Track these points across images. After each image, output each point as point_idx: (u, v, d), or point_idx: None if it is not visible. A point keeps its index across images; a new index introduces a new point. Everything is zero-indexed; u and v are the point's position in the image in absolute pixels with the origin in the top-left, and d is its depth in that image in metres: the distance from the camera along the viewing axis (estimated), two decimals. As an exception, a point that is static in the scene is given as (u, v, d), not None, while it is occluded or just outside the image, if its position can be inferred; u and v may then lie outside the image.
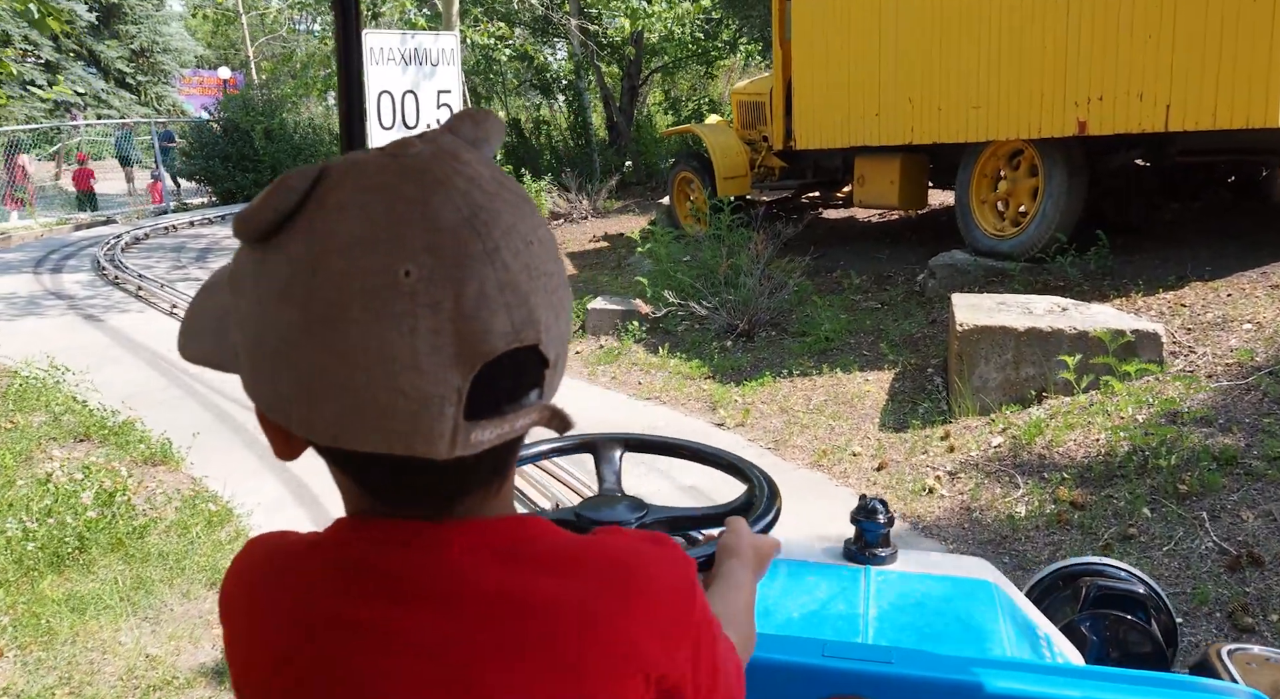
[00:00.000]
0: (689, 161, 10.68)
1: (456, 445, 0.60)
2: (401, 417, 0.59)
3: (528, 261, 0.62)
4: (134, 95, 34.54)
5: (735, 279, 7.45)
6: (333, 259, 0.59)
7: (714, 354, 6.83)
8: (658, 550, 0.73)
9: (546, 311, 0.62)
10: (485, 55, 14.26)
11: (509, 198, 0.64)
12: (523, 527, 0.70)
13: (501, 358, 0.60)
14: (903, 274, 7.93)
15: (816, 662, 1.28)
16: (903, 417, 5.44)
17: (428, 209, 0.60)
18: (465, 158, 0.64)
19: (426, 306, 0.57)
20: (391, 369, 0.58)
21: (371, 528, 0.68)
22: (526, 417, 0.63)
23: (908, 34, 7.64)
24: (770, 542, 1.09)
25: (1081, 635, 1.82)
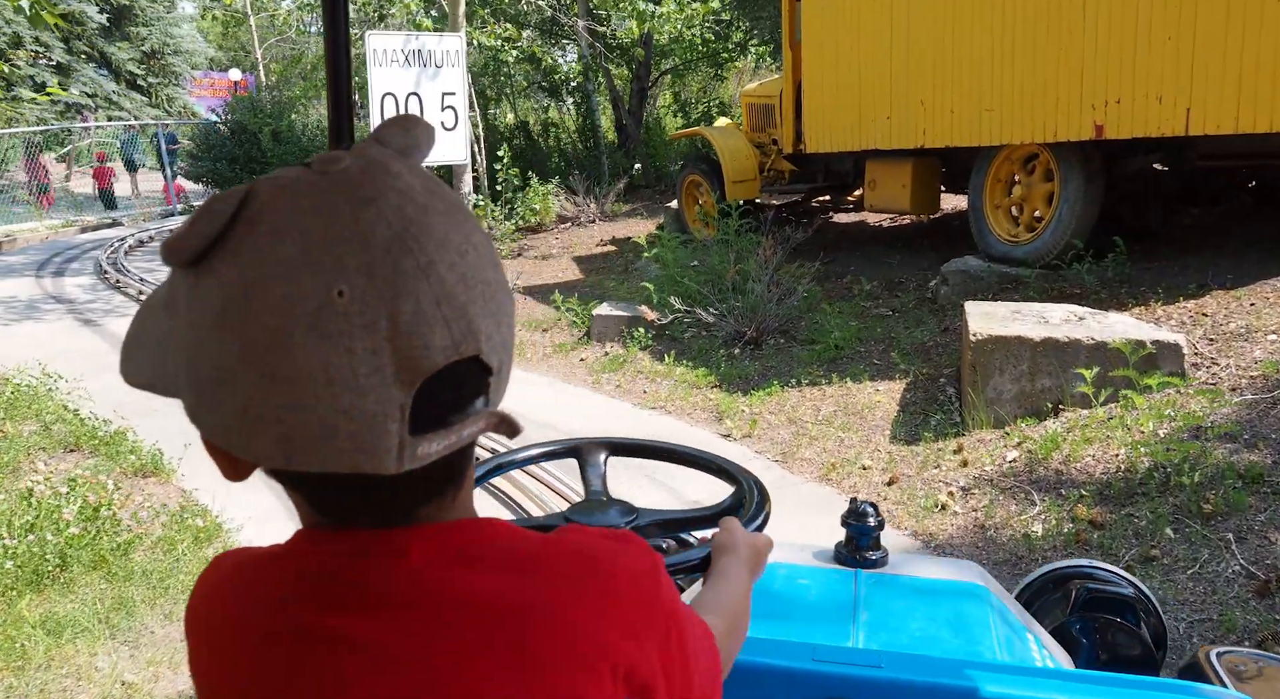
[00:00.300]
0: (697, 165, 10.53)
1: (404, 460, 0.60)
2: (346, 437, 0.59)
3: (464, 272, 0.61)
4: (145, 97, 34.60)
5: (743, 285, 7.30)
6: (266, 283, 0.58)
7: (721, 362, 6.68)
8: (618, 545, 0.73)
9: (486, 320, 0.62)
10: (493, 57, 14.12)
11: (442, 208, 0.63)
12: (480, 529, 0.70)
13: (443, 371, 0.60)
14: (914, 280, 7.77)
15: (806, 666, 1.27)
16: (914, 428, 5.29)
17: (358, 227, 0.59)
18: (395, 169, 0.63)
19: (362, 327, 0.57)
20: (333, 391, 0.57)
21: (330, 539, 0.68)
22: (473, 425, 0.63)
23: (919, 35, 7.49)
24: (764, 539, 1.10)
25: (1072, 638, 1.81)
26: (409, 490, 0.66)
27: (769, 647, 1.32)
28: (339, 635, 0.65)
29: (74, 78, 32.73)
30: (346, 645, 0.64)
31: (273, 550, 0.71)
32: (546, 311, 8.50)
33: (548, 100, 17.93)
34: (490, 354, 0.63)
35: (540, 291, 9.25)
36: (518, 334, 8.00)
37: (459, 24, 10.89)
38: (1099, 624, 1.84)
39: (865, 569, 1.64)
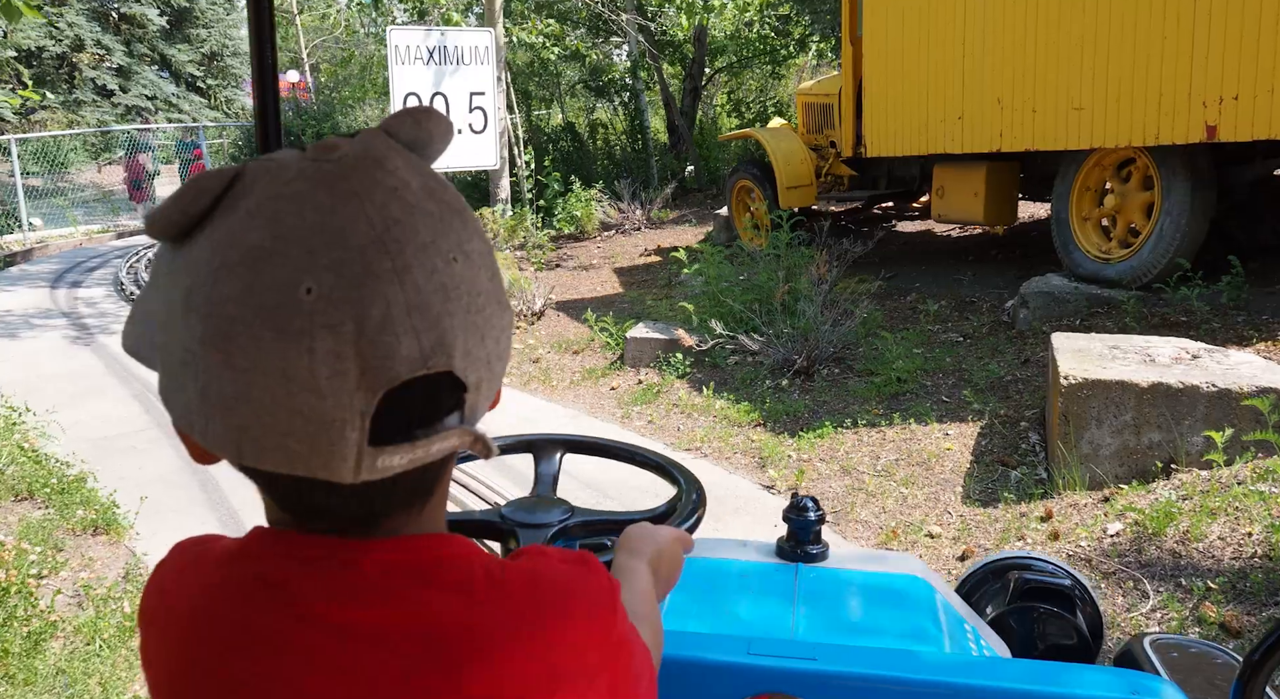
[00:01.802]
0: (749, 169, 9.76)
1: (361, 470, 0.58)
2: (300, 438, 0.56)
3: (444, 281, 0.59)
4: (204, 99, 34.71)
5: (794, 305, 6.51)
6: (234, 269, 0.57)
7: (766, 395, 5.90)
8: (579, 571, 0.72)
9: (466, 334, 0.60)
10: (536, 55, 13.48)
11: (434, 209, 0.61)
12: (441, 546, 0.67)
13: (411, 383, 0.57)
14: (988, 300, 6.92)
15: (742, 660, 1.28)
16: (991, 486, 4.47)
17: (336, 222, 0.57)
18: (392, 165, 0.62)
19: (326, 328, 0.55)
20: (289, 389, 0.55)
21: (285, 542, 0.66)
22: (443, 441, 0.60)
23: (997, 26, 6.63)
24: (672, 533, 1.05)
25: (1010, 628, 1.82)
26: (376, 499, 0.63)
27: (707, 641, 1.32)
28: (286, 640, 0.62)
29: (134, 80, 32.92)
30: (292, 651, 0.62)
31: (229, 546, 0.69)
32: (579, 331, 7.79)
33: (595, 100, 17.22)
34: (467, 370, 0.60)
35: (574, 307, 8.54)
36: (545, 356, 7.30)
37: (495, 18, 10.24)
38: (1036, 614, 1.83)
39: (806, 563, 1.63)
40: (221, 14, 34.76)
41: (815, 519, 1.65)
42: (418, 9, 12.40)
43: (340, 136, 0.62)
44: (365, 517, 0.65)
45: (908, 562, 1.71)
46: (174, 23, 33.95)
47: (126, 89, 31.94)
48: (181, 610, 0.67)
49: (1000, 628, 1.79)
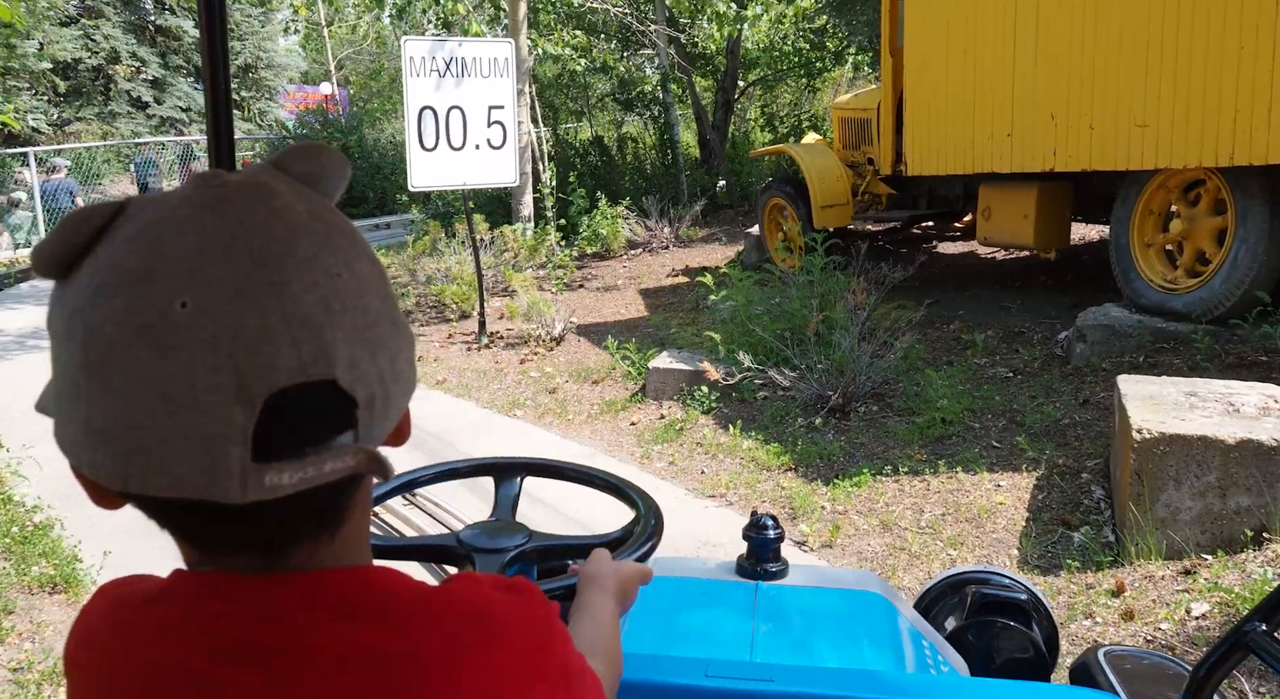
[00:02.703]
0: (782, 187, 9.30)
1: (249, 489, 0.56)
2: (184, 458, 0.55)
3: (326, 295, 0.58)
4: (238, 111, 34.76)
5: (828, 335, 6.04)
6: (110, 291, 0.57)
7: (798, 436, 5.43)
8: (511, 598, 0.71)
9: (353, 348, 0.59)
10: (564, 67, 13.10)
11: (320, 231, 0.61)
12: (363, 578, 0.66)
13: (291, 395, 0.56)
14: (1039, 331, 6.41)
15: (699, 683, 1.28)
16: (1051, 549, 3.97)
17: (216, 241, 0.57)
18: (278, 190, 0.62)
19: (202, 341, 0.55)
20: (169, 408, 0.55)
21: (202, 583, 0.65)
22: (337, 461, 0.58)
23: (1051, 35, 6.14)
24: (635, 568, 1.09)
25: (967, 643, 1.81)
26: (273, 527, 0.62)
27: (664, 664, 1.33)
28: (210, 682, 0.61)
29: (169, 92, 33.05)
30: (216, 692, 0.60)
31: (149, 591, 0.66)
32: (599, 358, 7.35)
33: (624, 114, 16.81)
34: (355, 384, 0.59)
35: (595, 332, 8.11)
36: (563, 386, 6.87)
37: (519, 29, 9.86)
38: (994, 628, 1.83)
39: (765, 581, 1.63)
40: (256, 27, 34.78)
41: (775, 537, 1.66)
42: (443, 20, 12.07)
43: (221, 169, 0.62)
44: (269, 547, 0.64)
45: (866, 579, 1.71)
46: (209, 35, 33.91)
47: (161, 101, 32.06)
48: (104, 655, 0.66)
49: (958, 643, 1.80)
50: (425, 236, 9.89)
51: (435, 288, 9.04)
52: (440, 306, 9.22)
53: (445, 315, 9.09)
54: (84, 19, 29.83)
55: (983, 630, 1.84)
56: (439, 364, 7.65)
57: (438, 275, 9.36)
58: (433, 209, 12.83)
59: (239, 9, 32.67)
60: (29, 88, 28.54)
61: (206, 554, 0.65)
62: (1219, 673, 1.20)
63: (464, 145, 7.63)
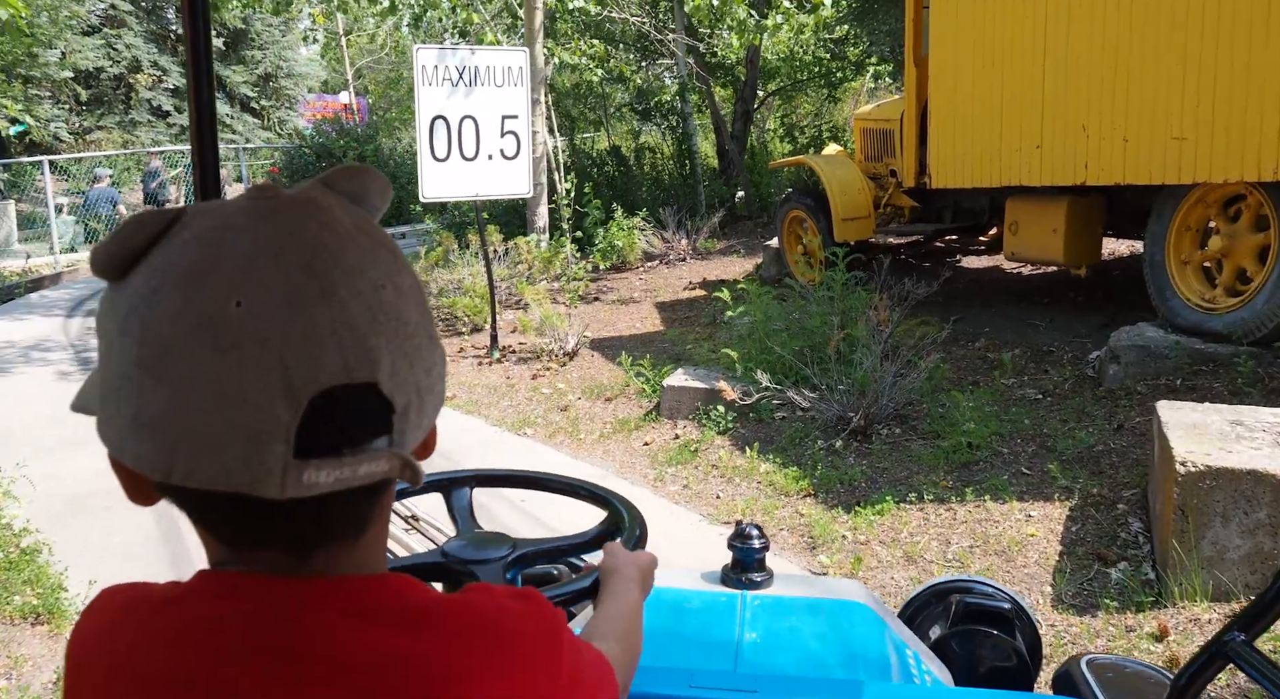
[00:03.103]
0: (802, 199, 9.09)
1: (287, 486, 0.58)
2: (230, 452, 0.57)
3: (371, 304, 0.61)
4: (257, 120, 34.87)
5: (849, 354, 5.82)
6: (168, 291, 0.59)
7: (818, 459, 5.21)
8: (523, 607, 0.73)
9: (394, 356, 0.62)
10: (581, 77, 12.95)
11: (365, 243, 0.64)
12: (384, 585, 0.68)
13: (336, 396, 0.59)
14: (1069, 350, 6.17)
15: (683, 693, 1.31)
16: (1088, 587, 3.74)
17: (267, 245, 0.60)
18: (326, 204, 0.64)
19: (254, 340, 0.57)
20: (220, 402, 0.57)
21: (227, 583, 0.66)
22: (372, 464, 0.61)
23: (1083, 43, 5.92)
24: (648, 556, 1.15)
25: (952, 651, 1.82)
26: (308, 525, 0.64)
27: (648, 674, 1.35)
28: (229, 688, 0.61)
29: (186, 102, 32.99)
30: (236, 696, 0.61)
31: (167, 591, 0.67)
32: (613, 374, 7.16)
33: (641, 123, 16.64)
34: (394, 390, 0.62)
35: (610, 347, 7.92)
36: (575, 403, 6.68)
37: (535, 38, 9.71)
38: (977, 637, 1.84)
39: (750, 591, 1.63)
40: (277, 36, 34.88)
41: (760, 547, 1.66)
42: (458, 29, 11.95)
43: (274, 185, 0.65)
44: (300, 545, 0.65)
45: (851, 588, 1.71)
46: (230, 44, 34.20)
47: (181, 110, 32.13)
48: (119, 661, 0.65)
49: (942, 652, 1.80)
50: (438, 247, 9.73)
51: (447, 300, 8.87)
52: (452, 320, 9.05)
53: (457, 328, 8.92)
54: (106, 28, 29.99)
55: (966, 639, 1.85)
56: (449, 379, 7.46)
57: (450, 287, 9.20)
58: (448, 219, 12.69)
59: (260, 19, 32.82)
60: (51, 96, 28.70)
61: (234, 550, 0.66)
62: (1199, 682, 1.20)
63: (477, 155, 7.47)
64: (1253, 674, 1.13)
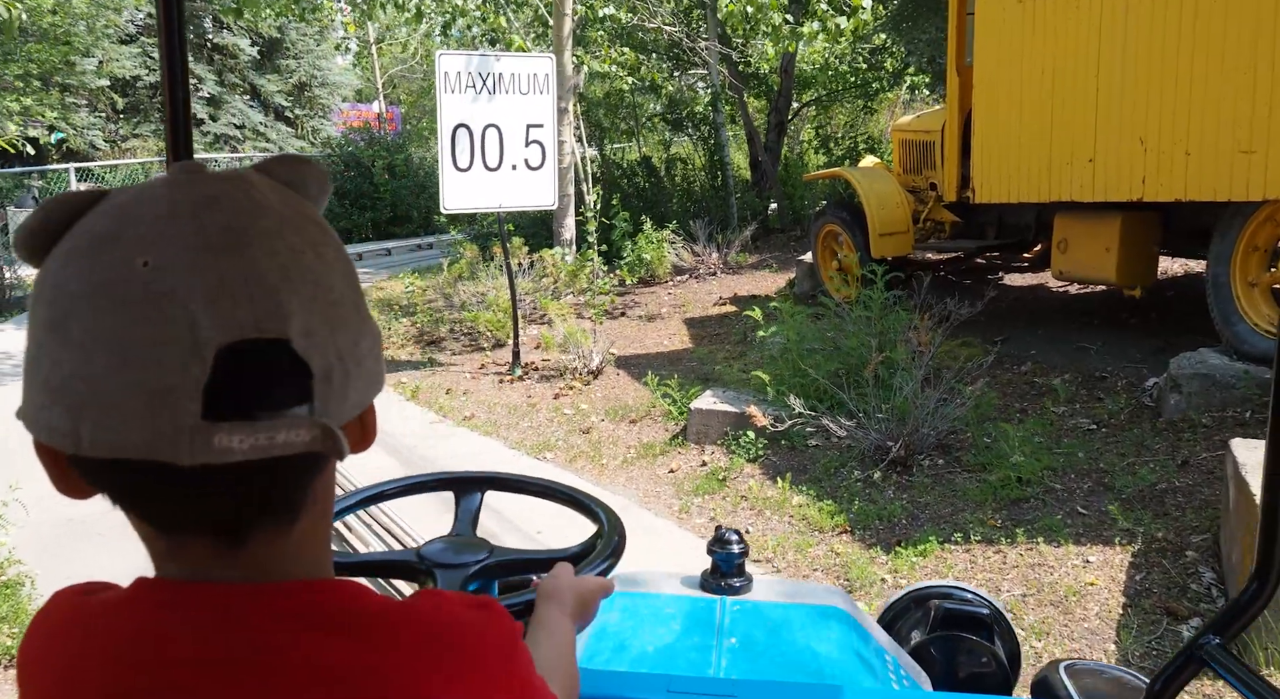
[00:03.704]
0: (837, 213, 8.75)
1: (196, 450, 0.55)
2: (136, 413, 0.55)
3: (287, 263, 0.59)
4: (291, 129, 35.02)
5: (888, 378, 5.48)
6: (78, 254, 0.59)
7: (854, 492, 4.88)
8: (480, 616, 0.71)
9: (310, 316, 0.59)
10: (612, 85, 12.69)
11: (287, 213, 0.63)
12: (332, 591, 0.66)
13: (245, 351, 0.56)
14: (1124, 376, 5.79)
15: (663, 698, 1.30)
16: (1157, 646, 3.39)
17: (182, 209, 0.59)
18: (256, 182, 0.64)
19: (159, 295, 0.56)
20: (123, 360, 0.55)
21: (168, 591, 0.64)
22: (290, 431, 0.57)
23: (1142, 50, 5.56)
24: (596, 583, 1.10)
25: (930, 657, 1.81)
26: (229, 505, 0.61)
27: (627, 680, 1.34)
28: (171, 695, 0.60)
29: (224, 109, 33.36)
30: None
31: (108, 599, 0.66)
32: (639, 395, 6.85)
33: (672, 134, 16.36)
34: (310, 351, 0.59)
35: (635, 365, 7.62)
36: (598, 425, 6.38)
37: (563, 45, 9.46)
38: (956, 642, 1.84)
39: (730, 596, 1.62)
40: (311, 45, 34.97)
41: (739, 552, 1.64)
42: (487, 37, 11.75)
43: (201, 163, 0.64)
44: (227, 529, 0.63)
45: (829, 593, 1.70)
46: (265, 53, 34.35)
47: (216, 118, 32.32)
48: (64, 670, 0.64)
49: (921, 657, 1.80)
50: (461, 260, 9.47)
51: (470, 315, 8.61)
52: (474, 335, 8.79)
53: (479, 344, 8.65)
54: (143, 37, 30.22)
55: (945, 645, 1.84)
56: (468, 398, 7.20)
57: (472, 301, 8.94)
58: (475, 230, 12.47)
59: (295, 28, 32.96)
60: (87, 104, 28.93)
61: (165, 539, 0.64)
62: (1174, 686, 1.21)
63: (500, 165, 7.21)
64: (1227, 677, 1.14)
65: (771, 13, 9.33)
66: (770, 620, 1.57)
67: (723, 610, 1.59)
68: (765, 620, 1.57)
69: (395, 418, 6.71)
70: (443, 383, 7.59)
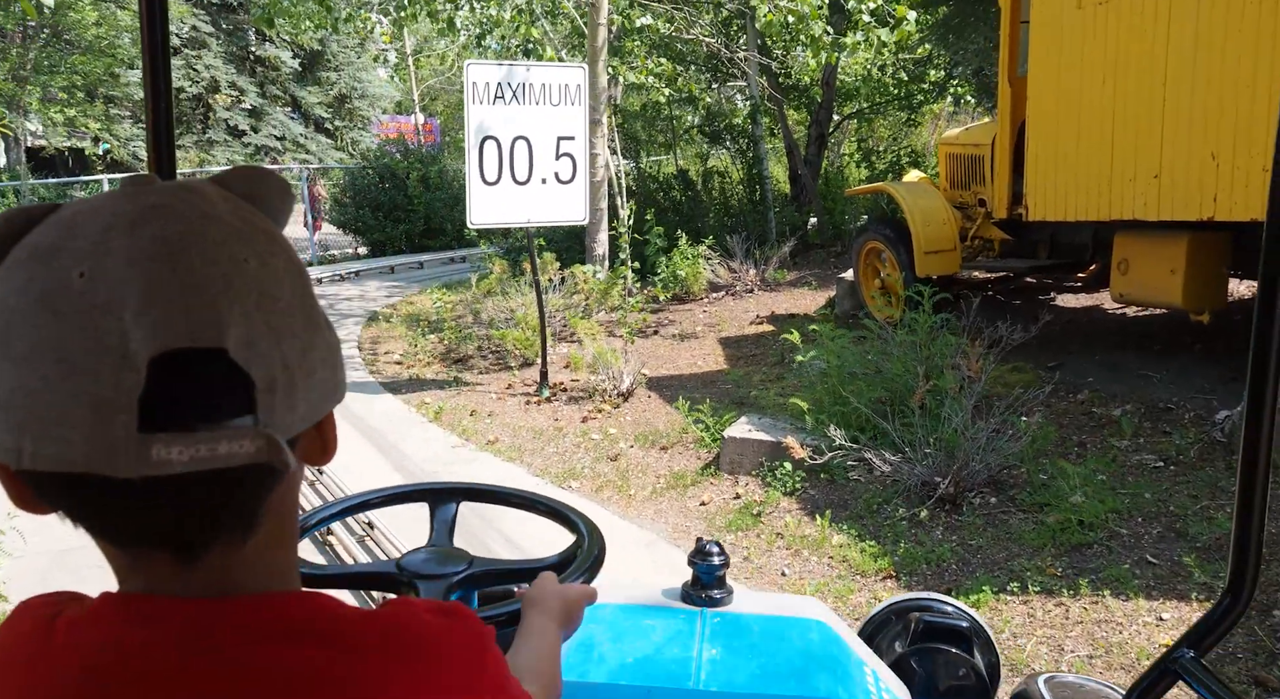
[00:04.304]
0: (880, 229, 8.40)
1: (134, 460, 0.55)
2: (74, 425, 0.55)
3: (229, 272, 0.59)
4: (330, 140, 35.24)
5: (936, 407, 5.12)
6: (19, 267, 0.59)
7: (899, 532, 4.53)
8: (446, 622, 0.71)
9: (252, 326, 0.58)
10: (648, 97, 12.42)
11: (235, 223, 0.62)
12: (300, 603, 0.66)
13: (181, 360, 0.56)
14: (1192, 408, 5.39)
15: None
16: (1244, 724, 3.01)
17: (122, 220, 0.59)
18: (209, 195, 0.63)
19: (96, 306, 0.56)
20: (61, 371, 0.55)
21: (132, 606, 0.64)
22: (233, 442, 0.56)
23: (1214, 59, 5.17)
24: (580, 591, 1.11)
25: (910, 669, 1.83)
26: (169, 517, 0.60)
27: (605, 691, 1.38)
28: None
29: (265, 121, 33.65)
30: None
31: (73, 613, 0.65)
32: (670, 419, 6.54)
33: (709, 146, 16.04)
34: (251, 360, 0.57)
35: (667, 387, 7.30)
36: (626, 452, 6.08)
37: (597, 55, 9.20)
38: (936, 655, 1.84)
39: (710, 608, 1.61)
40: (352, 57, 35.25)
41: (720, 563, 1.63)
42: (522, 48, 11.54)
43: None
44: (181, 543, 0.62)
45: (809, 605, 1.70)
46: (306, 65, 34.67)
47: (257, 129, 32.65)
48: (19, 682, 0.63)
49: (901, 669, 1.80)
50: (490, 275, 9.22)
51: (497, 333, 8.34)
52: (501, 353, 8.52)
53: (506, 363, 8.38)
54: (187, 49, 30.53)
55: (925, 657, 1.85)
56: (493, 420, 6.92)
57: (501, 318, 8.68)
58: (509, 243, 12.24)
59: (336, 40, 33.17)
60: (131, 116, 29.24)
61: (119, 546, 0.63)
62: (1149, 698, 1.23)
63: (529, 179, 6.95)
64: (1200, 690, 1.15)
65: (812, 23, 9.01)
66: (750, 632, 1.57)
67: (703, 622, 1.59)
68: (745, 632, 1.57)
69: (417, 441, 6.45)
70: (468, 403, 7.32)
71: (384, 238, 16.90)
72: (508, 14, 10.32)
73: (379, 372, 8.63)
